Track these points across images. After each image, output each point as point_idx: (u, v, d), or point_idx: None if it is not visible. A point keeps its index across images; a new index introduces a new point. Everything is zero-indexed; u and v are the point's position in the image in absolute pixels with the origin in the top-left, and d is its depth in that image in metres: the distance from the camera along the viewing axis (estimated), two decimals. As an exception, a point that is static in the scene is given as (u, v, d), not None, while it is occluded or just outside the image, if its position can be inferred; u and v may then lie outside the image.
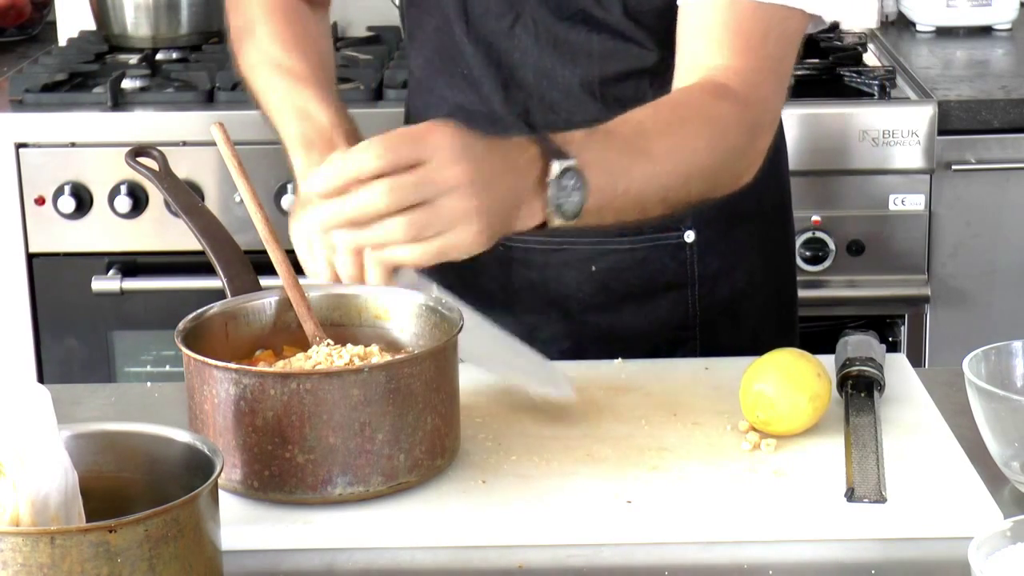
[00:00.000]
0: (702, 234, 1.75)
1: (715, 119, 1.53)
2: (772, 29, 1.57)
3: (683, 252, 1.75)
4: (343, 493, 1.33)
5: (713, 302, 1.77)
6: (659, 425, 1.48)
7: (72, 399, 1.57)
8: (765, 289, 1.83)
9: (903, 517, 1.32)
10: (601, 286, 1.74)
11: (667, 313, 1.76)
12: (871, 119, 2.69)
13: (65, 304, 2.78)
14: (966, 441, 1.43)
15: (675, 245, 1.74)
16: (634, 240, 1.73)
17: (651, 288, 1.75)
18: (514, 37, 1.69)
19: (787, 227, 1.88)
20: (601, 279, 1.74)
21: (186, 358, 1.37)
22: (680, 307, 1.76)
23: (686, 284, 1.76)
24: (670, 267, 1.75)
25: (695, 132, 1.51)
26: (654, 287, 1.75)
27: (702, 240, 1.75)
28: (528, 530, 1.31)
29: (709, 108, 1.53)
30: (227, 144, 1.49)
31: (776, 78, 1.59)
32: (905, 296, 2.76)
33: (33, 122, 2.73)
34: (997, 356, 1.42)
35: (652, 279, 1.75)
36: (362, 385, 1.31)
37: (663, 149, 1.49)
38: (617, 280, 1.74)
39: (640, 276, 1.75)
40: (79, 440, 1.23)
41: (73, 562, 1.09)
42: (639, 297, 1.75)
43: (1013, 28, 3.25)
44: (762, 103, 1.57)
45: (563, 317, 1.75)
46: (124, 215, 2.72)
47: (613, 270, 1.74)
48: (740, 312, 1.79)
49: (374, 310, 1.50)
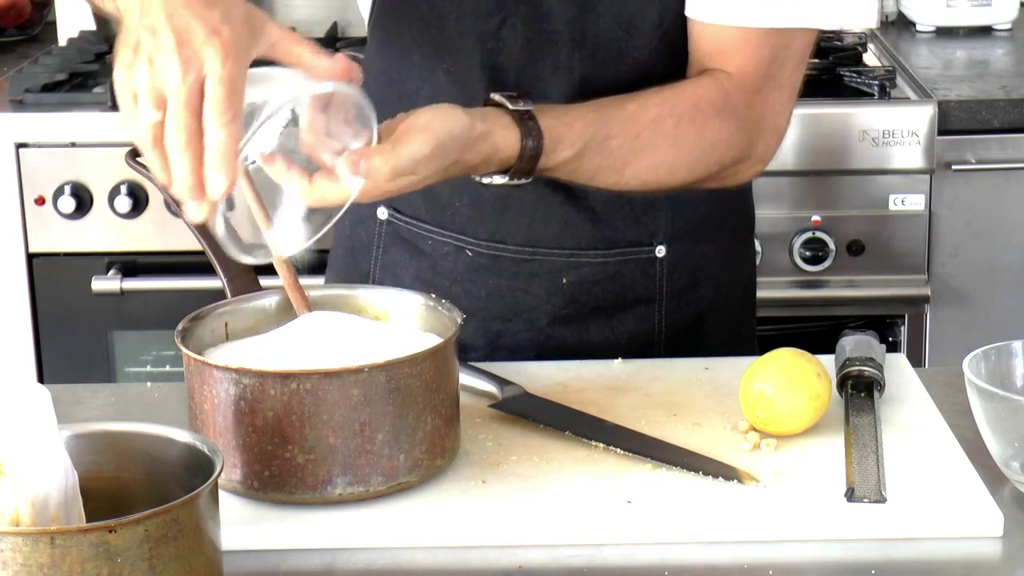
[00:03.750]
0: (672, 249, 1.73)
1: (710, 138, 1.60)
2: (781, 49, 1.62)
3: (653, 267, 1.73)
4: (343, 493, 1.33)
5: (679, 318, 1.75)
6: (659, 425, 1.48)
7: (72, 399, 1.57)
8: (729, 306, 1.81)
9: (903, 517, 1.32)
10: (570, 299, 1.72)
11: (633, 328, 1.74)
12: (871, 119, 2.69)
13: (65, 304, 2.78)
14: (966, 441, 1.43)
15: (646, 260, 1.72)
16: (607, 254, 1.71)
17: (619, 303, 1.73)
18: (500, 39, 1.66)
19: (751, 245, 1.88)
20: (570, 292, 1.72)
21: (186, 358, 1.37)
22: (646, 322, 1.74)
23: (653, 299, 1.74)
24: (640, 282, 1.73)
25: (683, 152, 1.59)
26: (623, 302, 1.73)
27: (672, 255, 1.73)
28: (528, 530, 1.31)
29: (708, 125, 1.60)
30: None
31: (782, 92, 1.64)
32: (905, 296, 2.76)
33: (33, 122, 2.73)
34: (997, 356, 1.42)
35: (621, 293, 1.73)
36: (362, 385, 1.31)
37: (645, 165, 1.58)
38: (587, 293, 1.72)
39: (609, 290, 1.72)
40: (79, 440, 1.23)
41: (73, 562, 1.09)
42: (607, 311, 1.73)
43: (1013, 28, 3.25)
44: (762, 117, 1.63)
45: (528, 328, 1.73)
46: (124, 215, 2.72)
47: (584, 283, 1.72)
48: (704, 328, 1.77)
49: (374, 310, 1.50)
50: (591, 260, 1.71)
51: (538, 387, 1.55)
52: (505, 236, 1.71)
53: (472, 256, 1.72)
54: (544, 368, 1.62)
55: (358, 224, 1.80)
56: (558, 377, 1.59)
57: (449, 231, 1.73)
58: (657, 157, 1.59)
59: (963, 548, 1.30)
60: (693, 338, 1.76)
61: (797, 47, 1.64)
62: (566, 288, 1.72)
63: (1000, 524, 1.31)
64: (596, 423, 1.47)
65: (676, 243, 1.73)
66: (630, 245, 1.72)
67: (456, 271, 1.73)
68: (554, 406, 1.51)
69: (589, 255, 1.71)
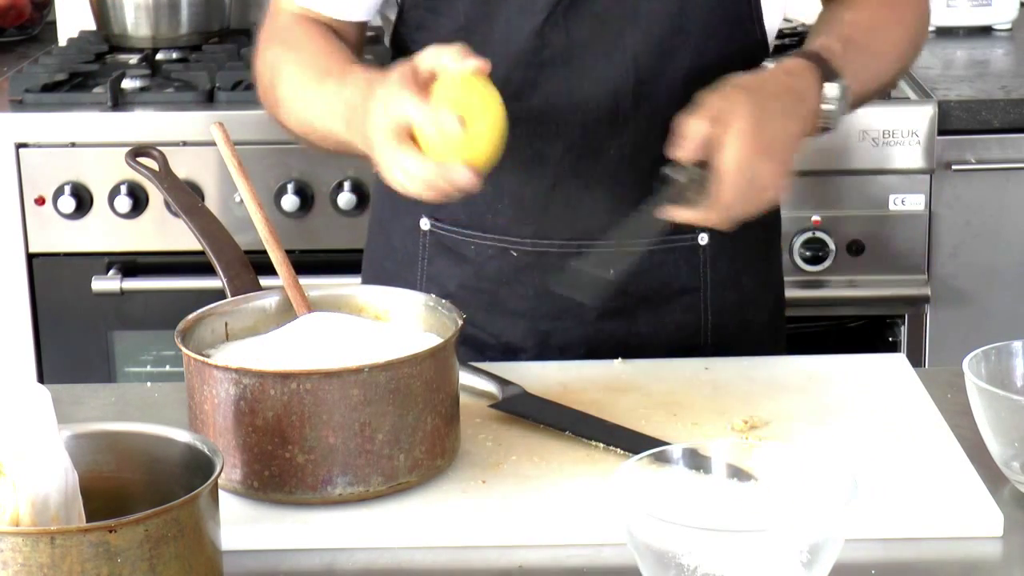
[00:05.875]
0: (714, 238, 1.74)
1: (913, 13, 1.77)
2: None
3: (697, 256, 1.74)
4: (343, 493, 1.33)
5: (723, 307, 1.76)
6: (659, 425, 1.48)
7: (72, 399, 1.57)
8: (768, 298, 1.83)
9: (903, 517, 1.32)
10: (618, 291, 1.71)
11: (680, 318, 1.75)
12: (871, 119, 2.69)
13: (65, 304, 2.78)
14: (966, 441, 1.43)
15: (689, 248, 1.74)
16: (652, 243, 1.72)
17: (666, 293, 1.74)
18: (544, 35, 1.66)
19: (779, 237, 1.89)
20: (618, 284, 1.73)
21: (186, 358, 1.37)
22: (692, 313, 1.75)
23: (699, 288, 1.75)
24: (684, 271, 1.74)
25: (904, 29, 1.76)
26: (669, 292, 1.74)
27: (715, 244, 1.74)
28: (528, 530, 1.31)
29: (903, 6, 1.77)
30: (227, 144, 1.49)
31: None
32: (905, 296, 2.76)
33: (33, 122, 2.73)
34: (997, 356, 1.42)
35: (667, 283, 1.74)
36: (362, 385, 1.32)
37: (886, 48, 1.73)
38: (634, 284, 1.72)
39: (656, 280, 1.74)
40: (79, 440, 1.23)
41: (73, 562, 1.09)
42: (654, 301, 1.74)
43: (1013, 28, 3.25)
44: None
45: (578, 324, 1.74)
46: (124, 215, 2.72)
47: (630, 274, 1.71)
48: (747, 317, 1.79)
49: (374, 310, 1.50)
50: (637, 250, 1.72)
51: (538, 387, 1.55)
52: (550, 232, 1.72)
53: (517, 256, 1.72)
54: (544, 368, 1.62)
55: (404, 236, 1.79)
56: (558, 377, 1.59)
57: (492, 233, 1.73)
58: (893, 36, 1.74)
59: (963, 548, 1.30)
60: (737, 328, 1.78)
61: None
62: (613, 280, 1.72)
63: (1000, 524, 1.31)
64: (596, 423, 1.47)
65: (718, 232, 1.72)
66: (674, 233, 1.72)
67: (502, 273, 1.73)
68: (554, 406, 1.51)
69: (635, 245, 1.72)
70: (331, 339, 1.41)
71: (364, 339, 1.41)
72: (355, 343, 1.40)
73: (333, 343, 1.40)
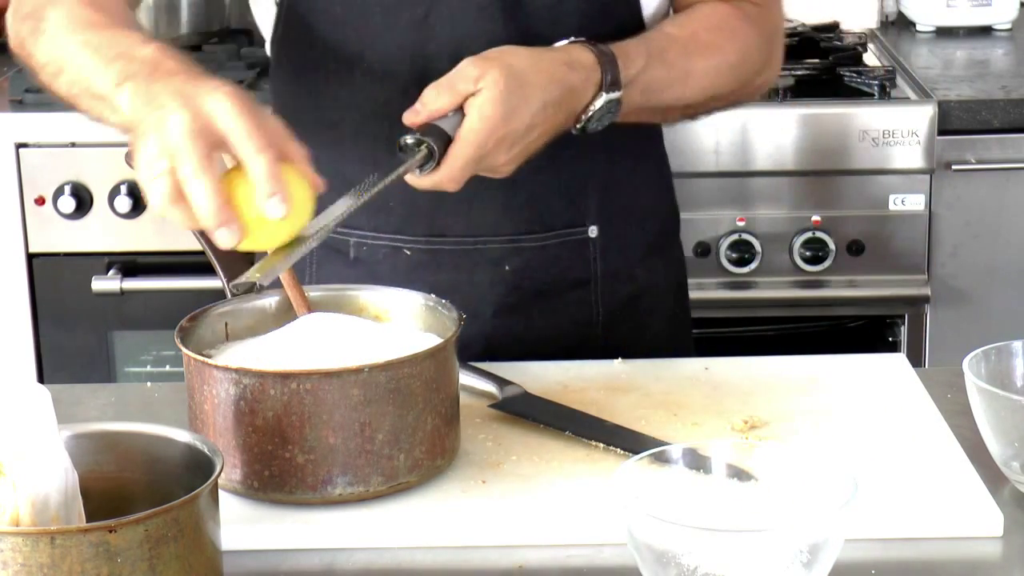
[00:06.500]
0: (604, 231, 1.75)
1: (743, 43, 1.71)
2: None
3: (587, 248, 1.75)
4: (343, 493, 1.33)
5: (614, 300, 1.77)
6: (659, 425, 1.48)
7: (72, 399, 1.57)
8: (662, 295, 1.83)
9: (903, 517, 1.32)
10: (513, 286, 1.73)
11: (574, 311, 1.76)
12: (871, 119, 2.69)
13: (65, 304, 2.78)
14: (966, 441, 1.43)
15: (580, 241, 1.74)
16: (545, 237, 1.73)
17: (559, 286, 1.75)
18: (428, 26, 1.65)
19: (678, 243, 1.90)
20: (513, 279, 1.73)
21: (186, 358, 1.37)
22: (584, 305, 1.76)
23: (589, 281, 1.76)
24: (576, 263, 1.75)
25: (726, 57, 1.69)
26: (562, 285, 1.75)
27: (605, 236, 1.75)
28: (528, 530, 1.31)
29: (738, 31, 1.70)
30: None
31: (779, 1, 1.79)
32: (905, 296, 2.76)
33: (33, 122, 2.73)
34: (997, 356, 1.42)
35: (561, 276, 1.75)
36: (362, 385, 1.31)
37: (699, 71, 1.67)
38: (529, 279, 1.73)
39: (550, 273, 1.74)
40: (79, 440, 1.23)
41: (73, 562, 1.09)
42: (548, 296, 1.74)
43: (1013, 28, 3.25)
44: (774, 21, 1.76)
45: (474, 320, 1.69)
46: (124, 215, 2.72)
47: (525, 269, 1.73)
48: (640, 310, 1.80)
49: (374, 310, 1.50)
50: (531, 244, 1.73)
51: (538, 387, 1.55)
52: (443, 229, 1.71)
53: (411, 255, 1.72)
54: (544, 368, 1.62)
55: None
56: (558, 377, 1.59)
57: (384, 233, 1.72)
58: (706, 63, 1.67)
59: (963, 548, 1.30)
60: (630, 321, 1.78)
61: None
62: (509, 275, 1.73)
63: (1000, 524, 1.31)
64: (596, 423, 1.47)
65: (607, 224, 1.76)
66: (565, 227, 1.74)
67: (395, 273, 1.71)
68: (554, 406, 1.51)
69: (528, 239, 1.73)
70: (331, 339, 1.41)
71: (364, 339, 1.41)
72: (355, 343, 1.40)
73: (333, 343, 1.40)
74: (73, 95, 1.49)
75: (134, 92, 1.36)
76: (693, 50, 1.66)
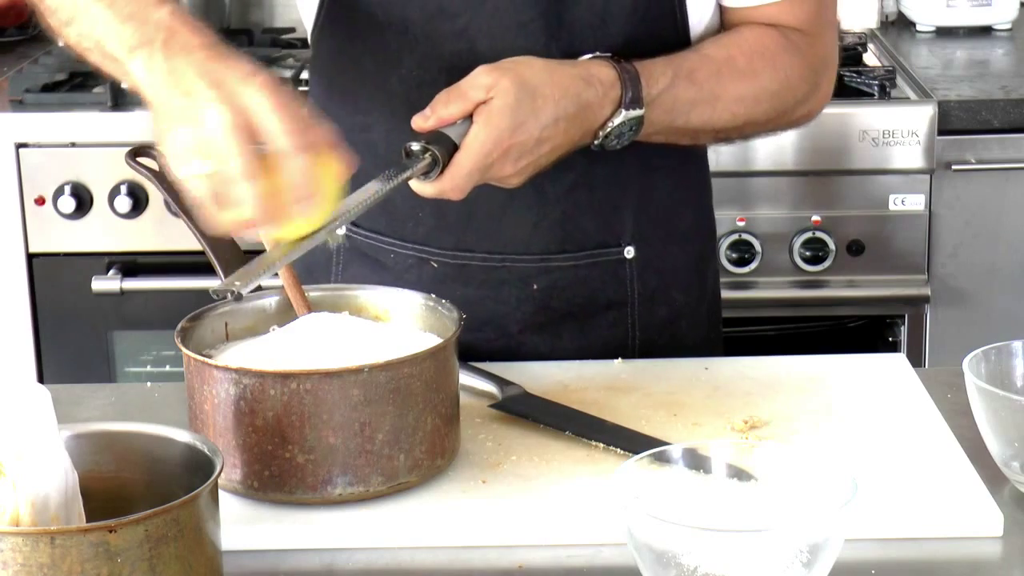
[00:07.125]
0: (641, 251, 1.71)
1: (784, 71, 1.66)
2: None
3: (623, 269, 1.71)
4: (343, 493, 1.33)
5: (651, 322, 1.73)
6: (659, 425, 1.48)
7: (72, 399, 1.57)
8: (700, 312, 1.79)
9: (903, 517, 1.32)
10: (541, 305, 1.69)
11: (606, 333, 1.72)
12: (871, 119, 2.69)
13: (65, 304, 2.78)
14: (966, 441, 1.43)
15: (616, 261, 1.70)
16: (576, 256, 1.69)
17: (591, 308, 1.71)
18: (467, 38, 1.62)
19: (715, 254, 1.87)
20: (541, 298, 1.69)
21: (186, 358, 1.37)
22: (619, 327, 1.72)
23: (626, 303, 1.72)
24: (611, 285, 1.71)
25: (762, 84, 1.65)
26: (594, 307, 1.71)
27: (641, 257, 1.71)
28: (528, 530, 1.31)
29: (779, 59, 1.66)
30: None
31: (832, 29, 1.74)
32: (905, 296, 2.76)
33: (33, 122, 2.73)
34: (997, 356, 1.42)
35: (593, 298, 1.71)
36: (362, 385, 1.31)
37: (732, 97, 1.63)
38: (558, 299, 1.70)
39: (581, 294, 1.70)
40: (79, 440, 1.23)
41: (73, 562, 1.09)
42: (579, 317, 1.71)
43: (1013, 28, 3.25)
44: (823, 51, 1.70)
45: (499, 336, 1.70)
46: (124, 215, 2.72)
47: (554, 288, 1.69)
48: (677, 334, 1.76)
49: (374, 310, 1.50)
50: (561, 264, 1.69)
51: (538, 387, 1.55)
52: (471, 244, 1.68)
53: (437, 268, 1.70)
54: (544, 368, 1.62)
55: None
56: (558, 377, 1.59)
57: (411, 243, 1.70)
58: (740, 89, 1.63)
59: (963, 548, 1.30)
60: (667, 343, 1.74)
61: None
62: (537, 294, 1.69)
63: (1000, 524, 1.31)
64: (596, 423, 1.47)
65: (644, 244, 1.71)
66: (598, 247, 1.70)
67: (421, 284, 1.66)
68: (554, 406, 1.51)
69: (558, 259, 1.69)
70: (331, 339, 1.41)
71: (364, 339, 1.41)
72: (355, 343, 1.40)
73: (333, 343, 1.40)
74: (84, 48, 1.43)
75: (150, 62, 1.33)
76: (727, 73, 1.62)
